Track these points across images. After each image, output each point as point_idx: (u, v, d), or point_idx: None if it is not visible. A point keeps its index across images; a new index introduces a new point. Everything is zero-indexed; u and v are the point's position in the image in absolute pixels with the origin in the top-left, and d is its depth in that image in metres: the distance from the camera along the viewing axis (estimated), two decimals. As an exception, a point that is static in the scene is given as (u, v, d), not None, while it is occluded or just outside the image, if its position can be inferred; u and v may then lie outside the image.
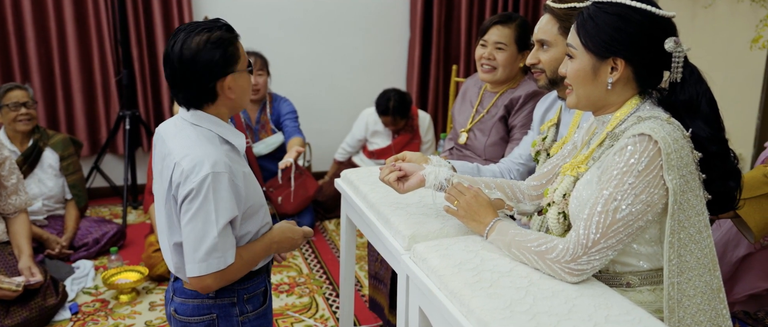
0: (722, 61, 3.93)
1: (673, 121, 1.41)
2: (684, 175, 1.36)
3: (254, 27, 4.43)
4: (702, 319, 1.41)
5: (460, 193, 1.66)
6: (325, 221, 4.14)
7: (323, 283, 3.29)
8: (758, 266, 2.49)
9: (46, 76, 4.14)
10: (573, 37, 1.50)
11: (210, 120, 1.70)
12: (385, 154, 4.22)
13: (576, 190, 1.50)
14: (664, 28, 1.43)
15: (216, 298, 1.74)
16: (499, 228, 1.57)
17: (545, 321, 1.26)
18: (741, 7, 3.77)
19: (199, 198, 1.58)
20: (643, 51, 1.43)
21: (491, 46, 2.46)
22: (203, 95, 1.68)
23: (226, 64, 1.65)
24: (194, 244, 1.60)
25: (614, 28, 1.43)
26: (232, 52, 1.66)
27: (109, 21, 4.16)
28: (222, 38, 1.65)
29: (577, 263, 1.37)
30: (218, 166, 1.60)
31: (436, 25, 4.70)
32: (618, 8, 1.43)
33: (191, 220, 1.59)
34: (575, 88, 1.51)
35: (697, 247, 1.40)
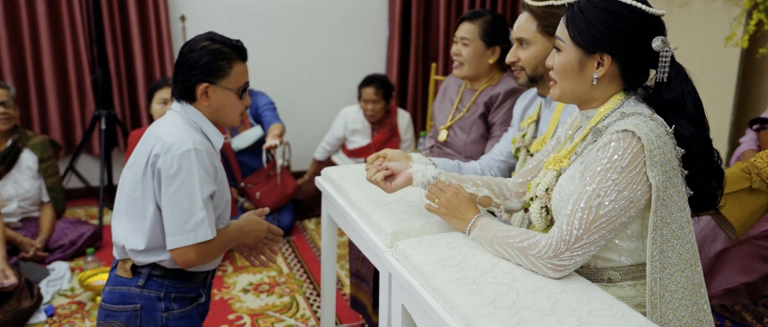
0: (697, 59, 3.98)
1: (656, 118, 1.42)
2: (667, 172, 1.37)
3: (232, 26, 4.39)
4: (683, 314, 1.42)
5: (440, 190, 1.66)
6: (305, 220, 4.12)
7: (304, 282, 3.28)
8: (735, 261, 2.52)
9: (19, 75, 4.06)
10: (562, 30, 1.50)
11: (195, 113, 1.79)
12: (365, 153, 4.21)
13: (559, 185, 1.51)
14: (652, 26, 1.44)
15: (143, 288, 1.77)
16: (481, 224, 1.57)
17: (528, 316, 1.26)
18: (715, 6, 3.82)
19: (184, 170, 1.66)
20: (630, 48, 1.44)
21: (459, 42, 2.49)
22: (184, 92, 1.78)
23: (209, 72, 1.74)
24: (182, 215, 1.66)
25: (603, 23, 1.43)
26: (220, 66, 1.75)
27: (84, 20, 4.10)
28: (219, 51, 1.75)
29: (560, 259, 1.38)
30: (199, 144, 1.70)
31: (415, 24, 4.71)
32: (608, 3, 1.44)
33: (177, 191, 1.66)
34: (560, 81, 1.52)
35: (679, 242, 1.41)
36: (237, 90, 1.79)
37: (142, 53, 4.22)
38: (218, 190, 1.76)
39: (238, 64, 1.79)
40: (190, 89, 1.77)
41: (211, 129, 1.80)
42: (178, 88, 1.79)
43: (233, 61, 1.77)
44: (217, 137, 1.82)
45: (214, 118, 1.82)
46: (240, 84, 1.80)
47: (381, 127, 4.25)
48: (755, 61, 3.83)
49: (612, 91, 1.50)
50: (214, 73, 1.75)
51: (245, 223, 1.90)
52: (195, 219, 1.67)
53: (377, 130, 4.24)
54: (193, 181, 1.67)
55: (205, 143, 1.74)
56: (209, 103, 1.78)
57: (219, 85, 1.77)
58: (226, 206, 1.84)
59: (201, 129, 1.78)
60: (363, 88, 4.17)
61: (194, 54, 1.75)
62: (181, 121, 1.76)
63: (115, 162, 4.34)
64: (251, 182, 3.84)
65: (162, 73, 4.27)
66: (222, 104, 1.79)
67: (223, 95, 1.78)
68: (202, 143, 1.72)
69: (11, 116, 3.32)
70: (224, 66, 1.76)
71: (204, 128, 1.79)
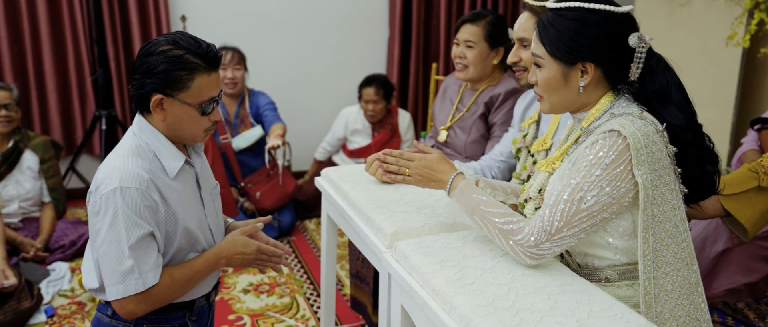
0: (698, 58, 3.97)
1: (646, 116, 1.42)
2: (656, 170, 1.37)
3: (232, 25, 4.39)
4: (680, 313, 1.42)
5: (407, 160, 1.63)
6: (306, 221, 4.12)
7: (304, 282, 3.27)
8: (736, 261, 2.52)
9: (19, 76, 4.06)
10: (538, 47, 1.50)
11: (152, 133, 1.59)
12: (365, 153, 4.20)
13: (550, 185, 1.51)
14: (624, 24, 1.45)
15: (112, 318, 1.61)
16: (461, 188, 1.54)
17: (528, 317, 1.25)
18: (716, 5, 3.81)
19: (109, 214, 1.48)
20: (608, 51, 1.44)
21: (462, 45, 2.47)
22: (138, 101, 1.58)
23: (163, 82, 1.52)
24: (112, 264, 1.48)
25: (576, 33, 1.43)
26: (179, 77, 1.52)
27: (84, 20, 4.09)
28: (179, 59, 1.51)
29: (539, 248, 1.39)
30: (128, 180, 1.49)
31: (416, 23, 4.70)
32: (576, 13, 1.44)
33: (105, 238, 1.48)
34: (547, 95, 1.52)
35: (674, 241, 1.41)
36: (198, 105, 1.55)
37: (142, 53, 4.21)
38: (170, 222, 1.56)
39: (203, 75, 1.54)
40: (143, 99, 1.55)
41: (167, 152, 1.59)
42: (133, 94, 1.57)
43: (195, 72, 1.52)
44: (173, 161, 1.59)
45: (171, 135, 1.60)
46: (203, 98, 1.55)
47: (381, 127, 4.24)
48: (757, 61, 3.82)
49: (600, 93, 1.50)
50: (169, 84, 1.52)
51: (228, 246, 1.68)
52: (122, 269, 1.48)
53: (378, 131, 4.24)
54: (118, 226, 1.47)
55: (143, 176, 1.51)
56: (164, 117, 1.56)
57: (176, 98, 1.53)
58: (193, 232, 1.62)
59: (154, 151, 1.57)
60: (363, 88, 4.16)
61: (151, 59, 1.52)
62: (126, 147, 1.56)
63: (116, 162, 4.33)
64: (251, 182, 3.84)
65: (162, 73, 4.26)
66: (179, 120, 1.57)
67: (181, 110, 1.55)
68: (135, 177, 1.50)
69: (13, 118, 3.32)
70: (183, 77, 1.52)
71: (159, 151, 1.57)
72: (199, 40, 1.57)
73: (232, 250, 1.68)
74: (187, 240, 1.62)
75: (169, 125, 1.58)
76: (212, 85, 1.57)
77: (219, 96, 1.62)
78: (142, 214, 1.50)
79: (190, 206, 1.62)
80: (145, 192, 1.51)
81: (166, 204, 1.56)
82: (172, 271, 1.57)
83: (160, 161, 1.58)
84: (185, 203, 1.61)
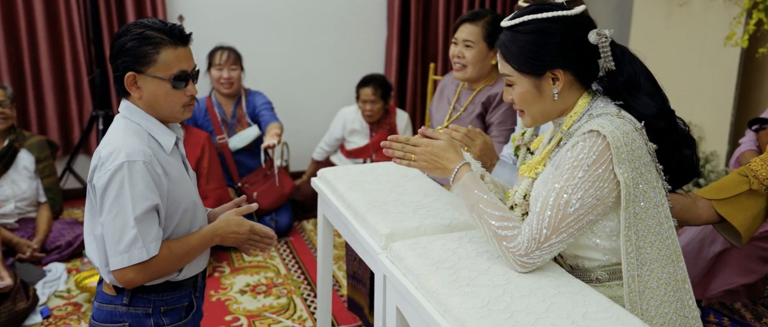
0: (697, 58, 3.96)
1: (623, 115, 1.44)
2: (637, 168, 1.38)
3: (230, 25, 4.38)
4: (667, 310, 1.42)
5: (413, 146, 1.62)
6: (304, 221, 4.11)
7: (301, 283, 3.26)
8: (734, 262, 2.51)
9: (16, 75, 4.05)
10: (504, 66, 1.52)
11: (140, 114, 1.65)
12: (363, 153, 4.20)
13: (535, 189, 1.51)
14: (581, 24, 1.47)
15: (129, 306, 1.67)
16: (465, 180, 1.53)
17: (523, 319, 1.25)
18: (715, 5, 3.81)
19: (114, 187, 1.54)
20: (573, 54, 1.46)
21: (461, 44, 2.46)
22: (118, 84, 1.64)
23: (134, 60, 1.59)
24: (115, 235, 1.55)
25: (538, 44, 1.45)
26: (145, 52, 1.58)
27: (81, 19, 4.08)
28: (146, 36, 1.59)
29: (530, 257, 1.39)
30: (134, 154, 1.56)
31: (414, 23, 4.69)
32: (533, 25, 1.46)
33: (109, 210, 1.55)
34: (526, 110, 1.54)
35: (658, 238, 1.41)
36: (170, 78, 1.61)
37: (139, 53, 4.21)
38: (172, 197, 1.63)
39: (169, 48, 1.61)
40: (119, 81, 1.62)
41: (158, 129, 1.66)
42: (114, 84, 1.66)
43: (160, 46, 1.59)
44: (167, 137, 1.67)
45: (152, 113, 1.66)
46: (173, 71, 1.61)
47: (379, 127, 4.24)
48: (755, 61, 3.82)
49: (576, 96, 1.52)
50: (138, 60, 1.59)
51: (222, 224, 1.76)
52: (127, 239, 1.54)
53: (375, 131, 4.23)
54: (124, 198, 1.54)
55: (147, 151, 1.59)
56: (141, 95, 1.62)
57: (146, 74, 1.60)
58: (190, 210, 1.69)
59: (148, 131, 1.64)
60: (361, 88, 4.15)
61: (120, 40, 1.60)
62: (122, 127, 1.63)
63: (113, 162, 4.32)
64: (248, 182, 3.83)
65: (160, 73, 4.25)
66: (154, 96, 1.62)
67: (153, 85, 1.61)
68: (140, 152, 1.57)
69: (8, 116, 3.31)
70: (149, 52, 1.59)
71: (151, 130, 1.65)
72: (165, 21, 1.65)
73: (226, 229, 1.76)
74: (186, 216, 1.68)
75: (146, 103, 1.64)
76: (181, 59, 1.63)
77: (193, 72, 1.68)
78: (149, 185, 1.57)
79: (185, 183, 1.70)
80: (151, 165, 1.58)
81: (169, 178, 1.63)
82: (170, 245, 1.63)
83: (156, 139, 1.65)
84: (182, 180, 1.68)
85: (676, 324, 1.43)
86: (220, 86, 3.75)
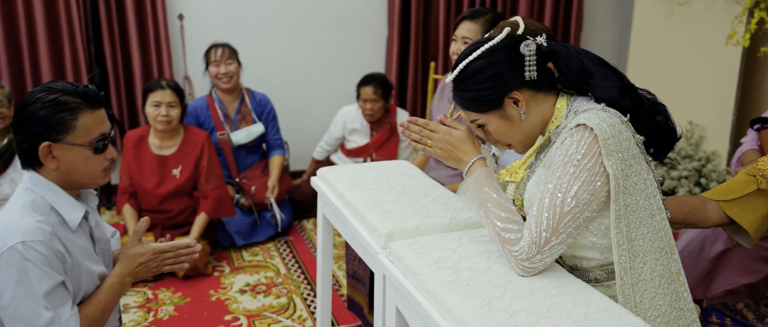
0: (698, 58, 3.95)
1: (608, 109, 1.44)
2: (625, 159, 1.38)
3: (230, 25, 4.36)
4: (661, 302, 1.41)
5: (431, 131, 1.62)
6: (304, 220, 4.10)
7: (301, 283, 3.25)
8: (736, 261, 2.50)
9: (16, 74, 4.04)
10: (469, 115, 1.54)
11: (46, 186, 1.56)
12: (364, 153, 4.19)
13: (528, 192, 1.51)
14: (512, 44, 1.48)
15: None
16: (477, 175, 1.52)
17: (523, 320, 1.24)
18: (716, 4, 3.79)
19: (13, 271, 1.44)
20: (519, 72, 1.47)
21: (460, 41, 2.45)
22: (26, 155, 1.55)
23: (49, 128, 1.50)
24: (27, 320, 1.44)
25: (483, 81, 1.47)
26: (63, 119, 1.50)
27: (81, 18, 4.07)
28: (57, 101, 1.50)
29: (532, 262, 1.38)
30: (30, 234, 1.46)
31: (414, 22, 4.68)
32: (469, 67, 1.48)
33: (13, 297, 1.44)
34: (511, 140, 1.55)
35: (650, 230, 1.41)
36: (90, 144, 1.55)
37: (139, 52, 4.20)
38: (76, 268, 1.54)
39: (87, 113, 1.53)
40: (31, 152, 1.52)
41: (65, 203, 1.56)
42: (19, 151, 1.54)
43: (78, 112, 1.52)
44: (74, 212, 1.56)
45: (68, 182, 1.57)
46: (92, 136, 1.55)
47: (380, 126, 4.23)
48: (757, 60, 3.80)
49: (547, 103, 1.52)
50: (55, 129, 1.50)
51: (125, 263, 1.66)
52: (42, 322, 1.45)
53: (376, 130, 4.22)
54: (28, 281, 1.43)
55: (45, 229, 1.49)
56: (57, 166, 1.53)
57: (64, 142, 1.52)
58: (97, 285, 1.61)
59: (52, 205, 1.54)
60: (362, 87, 4.14)
61: (30, 108, 1.50)
62: (21, 203, 1.52)
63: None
64: (246, 177, 3.86)
65: (159, 72, 4.25)
66: (73, 164, 1.54)
67: (72, 153, 1.53)
68: (37, 231, 1.47)
69: (5, 115, 3.29)
70: (66, 119, 1.50)
71: (56, 204, 1.54)
72: (76, 84, 1.56)
73: (131, 264, 1.68)
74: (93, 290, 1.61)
75: (63, 173, 1.55)
76: (99, 122, 1.57)
77: (110, 133, 1.62)
78: (51, 264, 1.47)
79: (91, 260, 1.61)
80: (50, 244, 1.48)
81: (71, 256, 1.54)
82: (85, 311, 1.56)
83: (60, 214, 1.55)
84: (87, 256, 1.59)
85: (671, 317, 1.42)
86: (219, 82, 3.76)
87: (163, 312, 2.95)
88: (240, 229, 3.65)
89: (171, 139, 3.41)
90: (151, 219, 3.32)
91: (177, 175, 3.38)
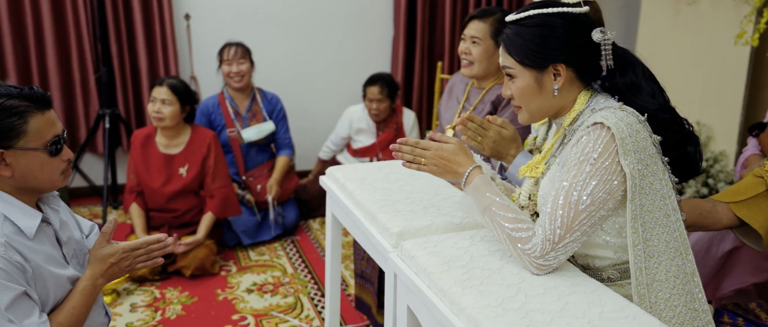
0: (706, 58, 3.94)
1: (626, 108, 1.45)
2: (642, 159, 1.37)
3: (236, 24, 4.36)
4: (676, 303, 1.41)
5: (423, 149, 1.59)
6: (310, 220, 4.10)
7: (308, 282, 3.25)
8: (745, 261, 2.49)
9: (23, 73, 4.04)
10: (506, 59, 1.52)
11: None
12: (370, 152, 4.19)
13: (541, 189, 1.51)
14: (585, 22, 1.48)
15: None
16: (476, 183, 1.51)
17: (538, 319, 1.23)
18: (724, 4, 3.78)
19: None
20: (576, 50, 1.47)
21: (468, 40, 2.46)
22: None
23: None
24: None
25: (542, 37, 1.46)
26: (12, 124, 1.45)
27: (88, 18, 4.07)
28: (7, 107, 1.45)
29: (545, 259, 1.38)
30: None
31: (421, 22, 4.67)
32: (538, 19, 1.47)
33: None
34: (525, 104, 1.54)
35: (665, 231, 1.40)
36: (44, 146, 1.50)
37: (146, 51, 4.20)
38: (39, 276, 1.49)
39: (37, 115, 1.49)
40: None
41: (18, 212, 1.50)
42: None
43: (27, 115, 1.47)
44: (29, 220, 1.51)
45: (26, 188, 1.52)
46: (46, 138, 1.50)
47: (386, 126, 4.22)
48: (765, 60, 3.79)
49: (575, 93, 1.52)
50: (4, 135, 1.45)
51: (96, 266, 1.63)
52: None
53: (382, 130, 4.22)
54: None
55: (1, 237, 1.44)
56: (12, 173, 1.48)
57: (17, 148, 1.47)
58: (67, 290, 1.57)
59: (5, 214, 1.48)
60: (368, 87, 4.14)
61: None
62: None
63: (120, 161, 4.32)
64: (253, 176, 3.86)
65: (166, 71, 4.25)
66: (28, 169, 1.49)
67: (27, 158, 1.49)
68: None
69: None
70: (15, 123, 1.46)
71: (9, 213, 1.49)
72: (20, 86, 1.51)
73: (102, 266, 1.64)
74: (64, 295, 1.57)
75: (18, 179, 1.50)
76: (51, 124, 1.52)
77: (63, 133, 1.57)
78: (8, 276, 1.42)
79: (57, 265, 1.56)
80: (5, 255, 1.43)
81: (31, 264, 1.49)
82: (57, 319, 1.53)
83: (15, 223, 1.50)
84: (52, 261, 1.54)
85: (685, 317, 1.42)
86: (231, 81, 3.78)
87: (171, 311, 2.94)
88: (246, 229, 3.66)
89: (178, 138, 3.41)
90: (158, 218, 3.38)
91: (184, 174, 3.38)
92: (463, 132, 1.77)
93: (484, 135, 1.79)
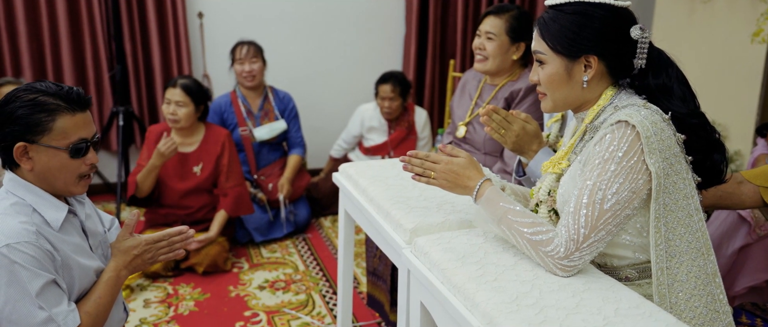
0: (721, 56, 3.91)
1: (650, 106, 1.42)
2: (667, 158, 1.36)
3: (249, 23, 4.38)
4: (697, 304, 1.39)
5: (433, 163, 1.58)
6: (321, 218, 4.10)
7: (319, 280, 3.26)
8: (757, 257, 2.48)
9: (38, 71, 4.08)
10: (539, 44, 1.50)
11: (26, 188, 1.53)
12: (381, 151, 4.18)
13: (561, 186, 1.49)
14: (625, 17, 1.45)
15: None
16: (488, 195, 1.48)
17: (553, 315, 1.23)
18: (739, 2, 3.75)
19: (2, 274, 1.43)
20: (612, 44, 1.44)
21: (483, 36, 2.46)
22: (4, 154, 1.53)
23: (25, 129, 1.48)
24: (22, 322, 1.43)
25: (579, 25, 1.43)
26: (40, 120, 1.47)
27: (102, 16, 4.10)
28: (36, 101, 1.48)
29: (570, 260, 1.35)
30: (14, 236, 1.44)
31: (433, 20, 4.67)
32: (577, 7, 1.44)
33: (6, 301, 1.43)
34: (550, 92, 1.51)
35: (687, 230, 1.39)
36: (67, 147, 1.51)
37: (159, 50, 4.23)
38: (66, 266, 1.52)
39: (66, 116, 1.50)
40: (8, 151, 1.50)
41: (46, 204, 1.53)
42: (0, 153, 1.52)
43: (56, 113, 1.49)
44: (55, 213, 1.53)
45: (44, 186, 1.53)
46: (71, 140, 1.51)
47: (398, 124, 4.22)
48: (781, 59, 3.75)
49: (602, 88, 1.50)
50: (30, 129, 1.47)
51: (120, 256, 1.65)
52: (37, 322, 1.44)
53: (394, 128, 4.21)
54: (18, 282, 1.42)
55: (29, 229, 1.47)
56: (32, 167, 1.50)
57: (40, 144, 1.49)
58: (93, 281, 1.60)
59: (33, 206, 1.51)
60: (380, 85, 4.14)
61: (9, 107, 1.47)
62: (2, 206, 1.50)
63: (133, 158, 4.34)
64: (264, 174, 3.87)
65: (179, 70, 4.27)
66: (47, 168, 1.51)
67: (48, 156, 1.50)
68: (21, 232, 1.45)
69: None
70: (43, 120, 1.47)
71: (37, 204, 1.51)
72: (61, 85, 1.53)
73: (126, 257, 1.66)
74: (89, 286, 1.60)
75: (38, 175, 1.53)
76: (80, 126, 1.53)
77: (93, 138, 1.57)
78: (40, 264, 1.46)
79: (84, 255, 1.58)
80: (36, 243, 1.46)
81: (59, 253, 1.52)
82: (84, 308, 1.55)
83: (41, 215, 1.52)
84: (79, 252, 1.57)
85: (706, 318, 1.40)
86: (243, 80, 3.79)
87: (184, 307, 2.96)
88: (258, 226, 3.67)
89: (192, 137, 3.42)
90: (172, 215, 3.40)
91: (198, 172, 3.40)
92: (486, 123, 1.75)
93: (508, 128, 1.80)
